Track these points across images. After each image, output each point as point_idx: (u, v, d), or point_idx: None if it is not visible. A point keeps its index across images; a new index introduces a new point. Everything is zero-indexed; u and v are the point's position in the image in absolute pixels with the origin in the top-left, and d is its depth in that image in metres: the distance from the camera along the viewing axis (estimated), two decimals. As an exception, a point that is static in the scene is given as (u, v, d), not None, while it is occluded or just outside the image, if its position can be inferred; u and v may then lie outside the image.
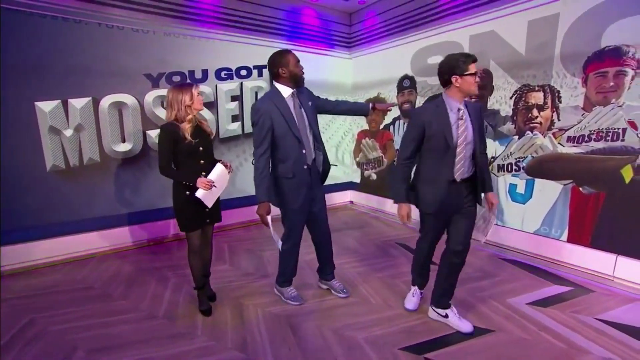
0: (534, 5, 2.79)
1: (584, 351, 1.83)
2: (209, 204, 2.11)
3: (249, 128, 3.99)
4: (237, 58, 3.84)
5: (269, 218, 2.04)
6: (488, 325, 2.07)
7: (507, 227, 3.16)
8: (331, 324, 2.13)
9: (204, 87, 3.66)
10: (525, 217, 3.02)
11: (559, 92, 2.71)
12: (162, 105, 3.43)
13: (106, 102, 3.19)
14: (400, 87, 4.16)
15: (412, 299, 2.28)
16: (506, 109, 3.10)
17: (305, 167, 2.12)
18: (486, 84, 3.22)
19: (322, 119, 4.52)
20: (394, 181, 1.99)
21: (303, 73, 2.10)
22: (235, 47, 3.81)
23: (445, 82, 1.81)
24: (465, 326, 2.00)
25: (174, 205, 2.15)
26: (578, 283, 2.56)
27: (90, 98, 3.12)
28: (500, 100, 3.13)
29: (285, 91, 2.08)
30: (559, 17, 2.67)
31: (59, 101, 2.99)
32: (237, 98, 3.88)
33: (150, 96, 3.37)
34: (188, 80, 3.55)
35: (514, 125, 3.05)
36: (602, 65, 2.48)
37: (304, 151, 2.10)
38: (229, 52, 3.77)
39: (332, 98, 4.68)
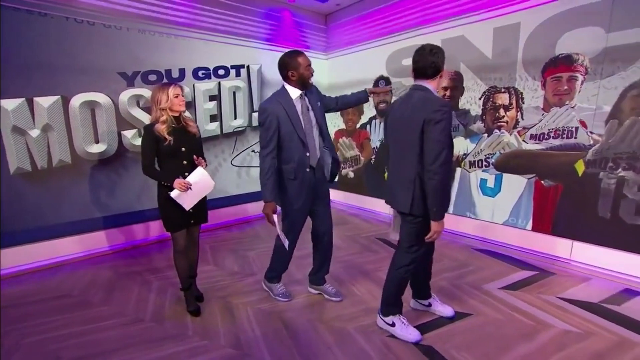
0: (499, 15, 3.02)
1: (549, 325, 2.04)
2: (186, 205, 2.08)
3: (227, 128, 3.97)
4: (215, 58, 3.80)
5: (275, 217, 2.06)
6: (467, 309, 2.23)
7: (479, 219, 3.39)
8: (321, 317, 2.20)
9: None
10: (495, 209, 3.26)
11: (522, 93, 2.96)
12: (138, 105, 3.33)
13: (77, 101, 3.05)
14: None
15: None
16: (476, 109, 3.33)
17: (308, 169, 2.13)
18: (457, 85, 3.43)
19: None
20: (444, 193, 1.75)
21: (312, 75, 2.10)
22: (213, 46, 3.77)
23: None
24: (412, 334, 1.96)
25: (158, 205, 2.14)
26: (541, 267, 2.81)
27: (58, 97, 2.97)
28: (471, 101, 3.36)
29: (294, 93, 2.08)
30: (520, 26, 2.91)
31: (23, 99, 2.82)
32: (215, 98, 3.84)
33: (125, 95, 3.26)
34: (165, 80, 3.47)
35: (483, 124, 3.28)
36: (557, 70, 2.75)
37: (307, 154, 2.11)
38: (206, 52, 3.73)
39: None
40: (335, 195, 5.13)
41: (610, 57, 2.48)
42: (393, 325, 1.98)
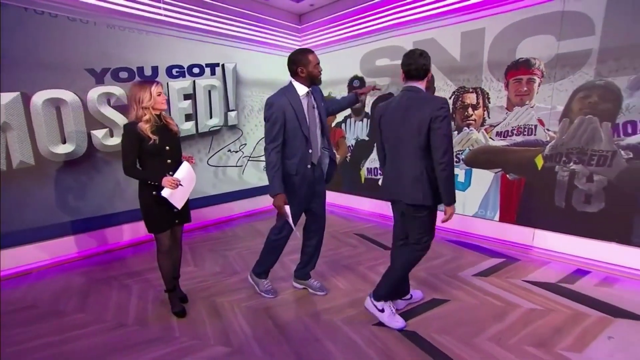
0: (465, 20, 3.22)
1: (516, 305, 2.23)
2: (179, 204, 2.07)
3: (203, 128, 3.90)
4: (189, 56, 3.72)
5: (287, 208, 2.06)
6: (445, 296, 2.38)
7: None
8: (307, 311, 2.25)
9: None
10: (465, 202, 3.47)
11: (488, 94, 3.18)
12: (109, 103, 3.19)
13: (39, 98, 2.87)
14: (351, 87, 4.41)
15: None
16: (445, 109, 3.52)
17: (309, 166, 2.17)
18: (429, 85, 3.59)
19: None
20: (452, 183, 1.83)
21: (320, 74, 2.13)
22: (187, 44, 3.69)
23: None
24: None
25: (141, 207, 2.08)
26: (508, 254, 3.05)
27: (17, 93, 2.77)
28: (440, 101, 3.55)
29: (301, 90, 2.10)
30: (484, 31, 3.13)
31: (-26, 96, 2.62)
32: (190, 97, 3.76)
33: (95, 93, 3.11)
34: (137, 78, 3.35)
35: (453, 122, 3.48)
36: (518, 73, 2.99)
37: (310, 150, 2.14)
38: (180, 50, 3.64)
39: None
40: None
41: (561, 62, 2.74)
42: (382, 311, 2.05)
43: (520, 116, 3.02)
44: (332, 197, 4.84)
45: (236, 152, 4.24)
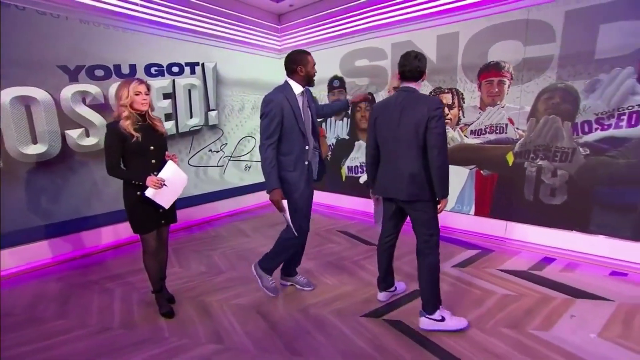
0: (441, 24, 3.38)
1: (492, 292, 2.39)
2: (165, 204, 2.05)
3: (183, 127, 3.84)
4: (168, 54, 3.65)
5: (284, 202, 2.08)
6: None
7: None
8: (296, 306, 2.30)
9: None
10: (441, 198, 3.64)
11: (462, 94, 3.36)
12: (84, 102, 3.08)
13: (6, 96, 2.73)
14: (331, 87, 4.49)
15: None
16: (422, 108, 3.67)
17: (306, 162, 2.21)
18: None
19: (254, 119, 4.61)
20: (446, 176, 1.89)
21: (315, 75, 2.20)
22: (166, 42, 3.62)
23: None
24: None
25: (125, 207, 2.05)
26: (483, 246, 3.23)
27: (-19, 92, 2.64)
28: (417, 101, 3.70)
29: (297, 88, 2.14)
30: (458, 35, 3.30)
31: None
32: (170, 96, 3.69)
33: (68, 91, 3.00)
34: (114, 76, 3.26)
35: (429, 122, 3.64)
36: (489, 75, 3.18)
37: (307, 147, 2.18)
38: (158, 48, 3.57)
39: (262, 96, 4.79)
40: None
41: (528, 66, 2.95)
42: (442, 319, 1.98)
43: (492, 115, 3.21)
44: (314, 196, 4.90)
45: (217, 152, 4.21)
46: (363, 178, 4.34)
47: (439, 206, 1.96)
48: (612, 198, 2.70)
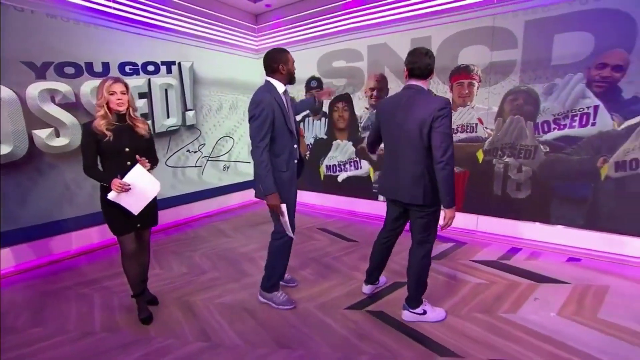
0: (414, 28, 3.53)
1: (466, 282, 2.56)
2: (133, 209, 1.95)
3: (160, 127, 3.76)
4: (143, 53, 3.56)
5: (283, 207, 2.02)
6: (404, 278, 2.59)
7: (404, 204, 3.92)
8: (282, 302, 2.35)
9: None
10: (417, 194, 3.80)
11: (435, 95, 3.53)
12: (53, 101, 2.95)
13: (-35, 94, 2.58)
14: (308, 87, 4.55)
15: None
16: (398, 109, 3.82)
17: (296, 161, 2.20)
18: (382, 86, 3.89)
19: (232, 119, 4.59)
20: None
21: (295, 71, 2.18)
22: (140, 40, 3.53)
23: None
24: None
25: (101, 208, 2.01)
26: (457, 239, 3.41)
27: None
28: (393, 102, 3.84)
29: (280, 87, 2.11)
30: (431, 38, 3.47)
31: None
32: (146, 95, 3.60)
33: (35, 89, 2.85)
34: (85, 74, 3.14)
35: (404, 122, 3.79)
36: (460, 77, 3.37)
37: (295, 145, 2.17)
38: (133, 46, 3.47)
39: (241, 97, 4.77)
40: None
41: (494, 69, 3.16)
42: (424, 313, 2.06)
43: (463, 115, 3.41)
44: (293, 195, 4.95)
45: (195, 152, 4.15)
46: (342, 176, 4.44)
47: (443, 221, 1.83)
48: (568, 191, 2.96)
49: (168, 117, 3.82)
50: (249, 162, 4.92)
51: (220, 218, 4.33)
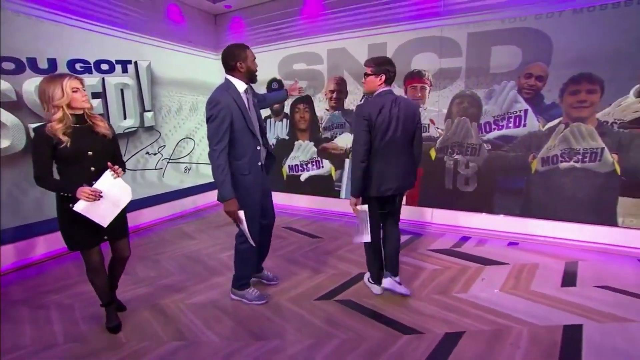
0: (370, 34, 3.76)
1: (424, 268, 2.81)
2: (103, 221, 1.78)
3: (117, 129, 3.59)
4: (96, 50, 3.40)
5: (241, 214, 1.97)
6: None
7: (365, 200, 4.14)
8: (254, 298, 2.42)
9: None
10: (377, 191, 4.04)
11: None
12: (-8, 101, 2.73)
13: None
14: (270, 89, 4.61)
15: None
16: (358, 110, 4.03)
17: (260, 163, 2.15)
18: (342, 89, 4.08)
19: (192, 120, 4.51)
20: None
21: (256, 69, 2.10)
22: (92, 36, 3.36)
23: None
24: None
25: (58, 221, 1.85)
26: (414, 232, 3.70)
27: None
28: (354, 102, 4.05)
29: (241, 86, 2.03)
30: (386, 45, 3.72)
31: None
32: (100, 95, 3.43)
33: (-32, 87, 2.63)
34: (28, 70, 2.92)
35: (364, 123, 4.01)
36: (413, 81, 3.66)
37: (258, 147, 2.12)
38: (84, 42, 3.30)
39: (202, 97, 4.71)
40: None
41: (443, 75, 3.49)
42: (400, 283, 2.41)
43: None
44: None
45: (155, 154, 4.03)
46: (304, 176, 4.56)
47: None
48: (507, 184, 3.36)
49: (125, 118, 3.68)
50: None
51: (184, 221, 4.24)
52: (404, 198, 2.49)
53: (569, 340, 1.87)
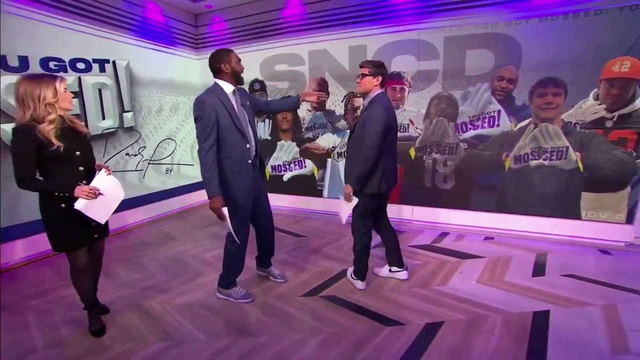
0: (351, 36, 3.85)
1: (406, 263, 2.89)
2: (101, 218, 1.84)
3: (95, 130, 3.51)
4: (71, 48, 3.30)
5: (224, 210, 2.02)
6: (352, 265, 2.89)
7: (348, 199, 4.22)
8: (240, 297, 2.44)
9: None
10: (359, 189, 4.14)
11: (372, 99, 3.89)
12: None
13: None
14: (252, 90, 4.61)
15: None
16: (339, 110, 4.12)
17: (250, 161, 2.19)
18: (323, 89, 4.14)
19: (173, 121, 4.46)
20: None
21: (242, 71, 2.17)
22: (68, 34, 3.26)
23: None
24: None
25: (44, 222, 1.83)
26: (396, 228, 3.69)
27: None
28: (335, 103, 4.13)
29: (227, 87, 2.11)
30: (366, 47, 3.81)
31: None
32: (76, 95, 3.34)
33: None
34: None
35: (346, 122, 4.10)
36: (393, 83, 3.77)
37: (247, 146, 2.16)
38: (59, 40, 3.20)
39: (182, 98, 4.65)
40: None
41: (421, 77, 3.61)
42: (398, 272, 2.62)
43: (397, 117, 3.81)
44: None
45: (135, 155, 3.95)
46: (287, 176, 4.59)
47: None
48: (482, 181, 3.53)
49: (104, 118, 3.59)
50: (193, 165, 4.82)
51: (166, 222, 4.19)
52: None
53: (537, 324, 2.02)
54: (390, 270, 2.66)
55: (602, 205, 3.11)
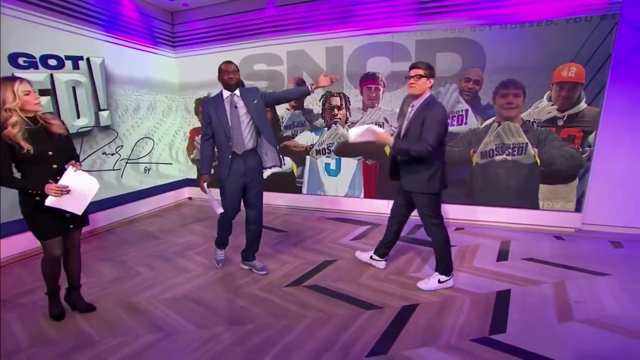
0: (328, 38, 3.98)
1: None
2: (76, 210, 1.91)
3: (70, 129, 3.37)
4: (43, 44, 3.21)
5: (205, 185, 2.53)
6: (332, 257, 3.04)
7: (327, 195, 4.37)
8: (227, 288, 2.54)
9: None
10: (337, 186, 4.30)
11: (348, 98, 4.05)
12: None
13: None
14: (231, 89, 4.65)
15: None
16: (317, 109, 4.25)
17: (231, 155, 2.50)
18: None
19: (151, 120, 4.41)
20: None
21: (231, 80, 2.46)
22: (38, 29, 3.17)
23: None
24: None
25: (23, 214, 1.90)
26: (372, 222, 4.00)
27: None
28: (313, 102, 4.25)
29: (224, 93, 2.52)
30: (342, 48, 3.96)
31: None
32: (48, 93, 3.25)
33: None
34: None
35: (324, 121, 4.24)
36: (368, 83, 3.95)
37: (230, 144, 2.50)
38: (28, 35, 3.11)
39: (160, 96, 4.61)
40: (194, 192, 5.03)
41: (395, 78, 3.81)
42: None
43: (372, 115, 4.00)
44: (216, 194, 4.97)
45: (112, 154, 3.90)
46: (266, 173, 4.63)
47: None
48: (452, 176, 3.77)
49: (78, 117, 3.53)
50: (171, 164, 4.80)
51: (147, 221, 4.16)
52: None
53: (500, 302, 2.25)
54: (371, 257, 2.83)
55: (556, 195, 3.44)
